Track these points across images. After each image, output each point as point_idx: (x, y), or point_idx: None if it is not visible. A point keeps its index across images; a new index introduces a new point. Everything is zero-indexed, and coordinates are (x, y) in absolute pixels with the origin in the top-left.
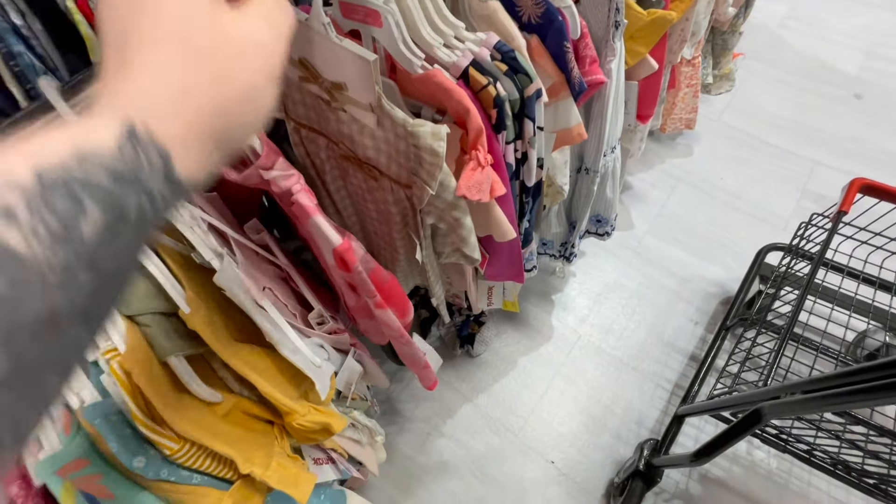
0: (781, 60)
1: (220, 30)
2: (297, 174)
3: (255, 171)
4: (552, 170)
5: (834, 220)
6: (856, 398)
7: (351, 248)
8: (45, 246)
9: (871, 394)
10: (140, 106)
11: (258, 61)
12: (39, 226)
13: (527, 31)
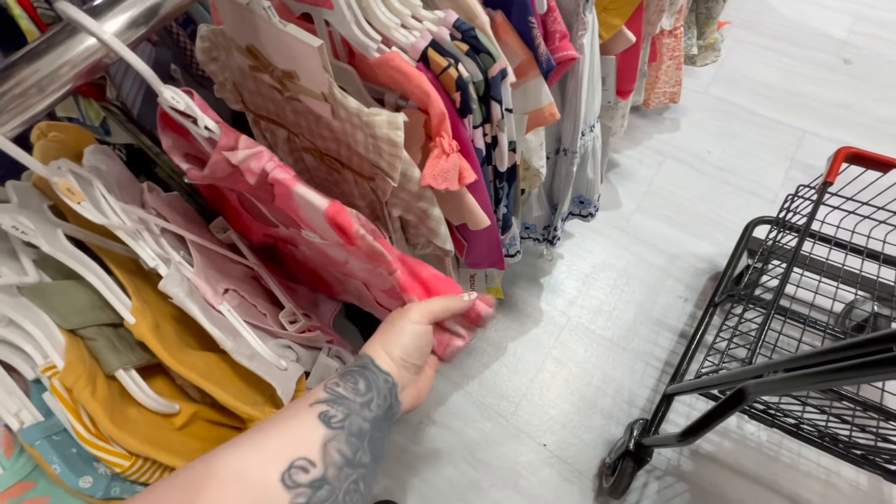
0: (768, 27)
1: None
2: (265, 150)
3: (220, 157)
4: (527, 153)
5: (819, 191)
6: (836, 376)
7: (343, 209)
8: (350, 392)
9: (851, 371)
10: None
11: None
12: (346, 385)
13: (491, 6)
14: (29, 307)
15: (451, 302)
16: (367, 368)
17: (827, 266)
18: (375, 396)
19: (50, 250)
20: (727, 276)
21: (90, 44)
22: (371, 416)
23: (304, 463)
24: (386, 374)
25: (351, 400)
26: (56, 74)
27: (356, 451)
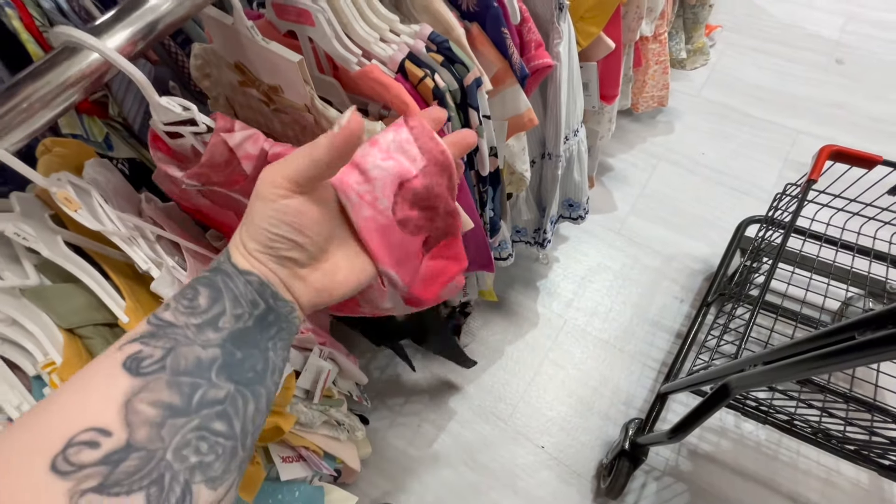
0: (760, 30)
1: None
2: (259, 132)
3: (218, 138)
4: (510, 157)
5: (804, 188)
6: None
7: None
8: (183, 314)
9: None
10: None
11: None
12: (179, 305)
13: (467, 19)
14: (30, 308)
15: (312, 149)
16: (218, 271)
17: (818, 263)
18: (230, 307)
19: (49, 255)
20: (720, 275)
21: (90, 59)
22: (221, 337)
23: (90, 436)
24: (247, 274)
25: (179, 326)
26: (58, 90)
27: (192, 391)
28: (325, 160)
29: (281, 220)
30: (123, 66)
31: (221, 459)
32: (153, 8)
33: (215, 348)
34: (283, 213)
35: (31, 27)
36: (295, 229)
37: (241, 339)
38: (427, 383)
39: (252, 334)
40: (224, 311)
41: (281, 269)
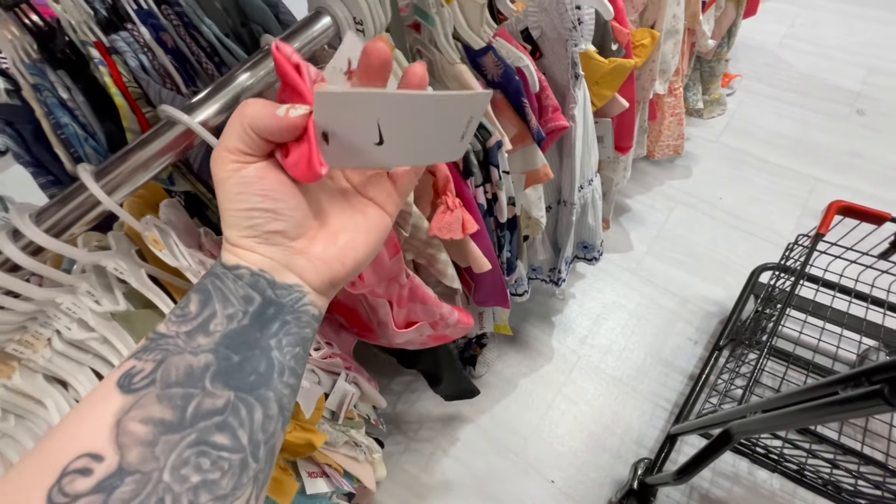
0: (781, 79)
1: None
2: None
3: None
4: (527, 205)
5: (812, 241)
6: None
7: None
8: (174, 324)
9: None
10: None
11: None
12: (171, 315)
13: (492, 87)
14: (118, 329)
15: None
16: (209, 275)
17: (831, 312)
18: (220, 308)
19: (137, 286)
20: (733, 319)
21: (182, 131)
22: (213, 341)
23: (83, 462)
24: (235, 269)
25: (171, 336)
26: (158, 155)
27: (185, 402)
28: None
29: (245, 192)
30: (209, 139)
31: (229, 475)
32: (239, 84)
33: (207, 353)
34: (245, 185)
35: (118, 82)
36: (265, 197)
37: (238, 341)
38: (441, 412)
39: (250, 334)
40: (214, 314)
41: (273, 249)
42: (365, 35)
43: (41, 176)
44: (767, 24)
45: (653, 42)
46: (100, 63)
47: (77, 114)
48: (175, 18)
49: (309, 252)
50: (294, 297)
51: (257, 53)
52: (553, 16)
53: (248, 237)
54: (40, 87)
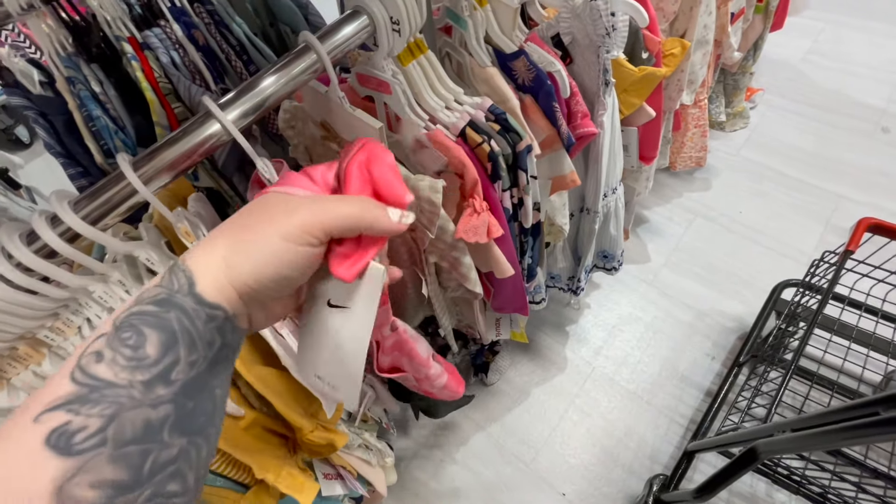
0: (803, 94)
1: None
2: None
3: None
4: (551, 211)
5: (841, 258)
6: (841, 436)
7: None
8: (125, 370)
9: (853, 431)
10: (189, 252)
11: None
12: (118, 356)
13: (522, 91)
14: None
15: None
16: (172, 306)
17: (857, 332)
18: (185, 354)
19: None
20: (754, 336)
21: (214, 130)
22: (173, 392)
23: None
24: (215, 308)
25: (122, 385)
26: (190, 151)
27: (142, 460)
28: (367, 227)
29: (298, 265)
30: (242, 142)
31: None
32: (262, 89)
33: (167, 405)
34: (305, 258)
35: (150, 77)
36: (300, 274)
37: (194, 387)
38: (452, 418)
39: (204, 378)
40: (178, 360)
41: (254, 303)
42: (400, 35)
43: (71, 167)
44: (791, 39)
45: (683, 52)
46: (132, 58)
47: (108, 107)
48: (206, 16)
49: (272, 309)
50: (240, 338)
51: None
52: (586, 22)
53: (254, 289)
54: (74, 79)
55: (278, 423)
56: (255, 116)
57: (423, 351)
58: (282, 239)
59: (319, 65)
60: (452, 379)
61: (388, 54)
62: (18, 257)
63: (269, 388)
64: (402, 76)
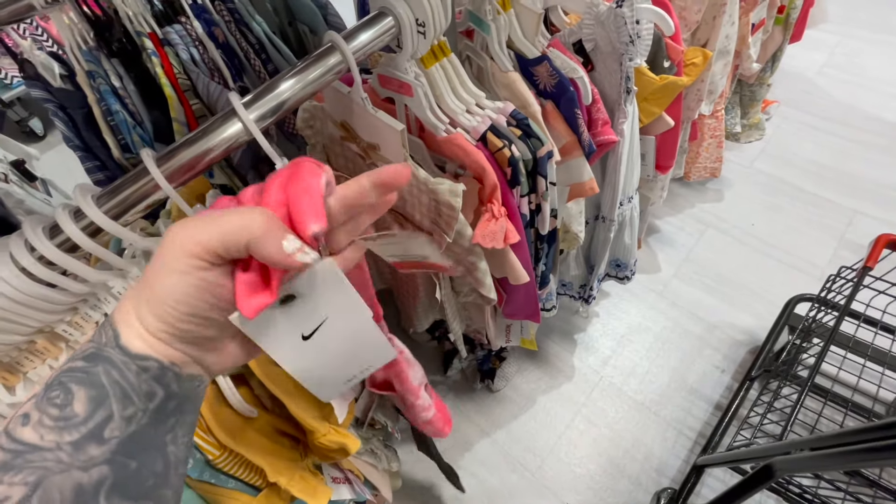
0: (818, 108)
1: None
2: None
3: None
4: (567, 218)
5: (859, 275)
6: (863, 457)
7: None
8: (52, 431)
9: (877, 453)
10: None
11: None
12: (44, 417)
13: (543, 97)
14: None
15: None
16: (99, 359)
17: (872, 350)
18: (118, 409)
19: None
20: (766, 350)
21: (235, 130)
22: (109, 450)
23: None
24: (143, 359)
25: (48, 448)
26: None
27: None
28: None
29: (197, 296)
30: (263, 143)
31: None
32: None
33: (102, 466)
34: (202, 289)
35: (169, 73)
36: (213, 306)
37: (136, 444)
38: (457, 424)
39: (148, 433)
40: (111, 416)
41: (191, 347)
42: (425, 37)
43: (88, 161)
44: (807, 52)
45: (704, 61)
46: (152, 54)
47: (127, 102)
48: (227, 14)
49: (224, 350)
50: (195, 385)
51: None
52: (609, 29)
53: (172, 335)
54: (94, 73)
55: (290, 424)
56: (277, 117)
57: (414, 378)
58: (170, 273)
59: (343, 65)
60: (440, 416)
61: (411, 56)
62: (41, 250)
63: (281, 388)
64: (424, 78)
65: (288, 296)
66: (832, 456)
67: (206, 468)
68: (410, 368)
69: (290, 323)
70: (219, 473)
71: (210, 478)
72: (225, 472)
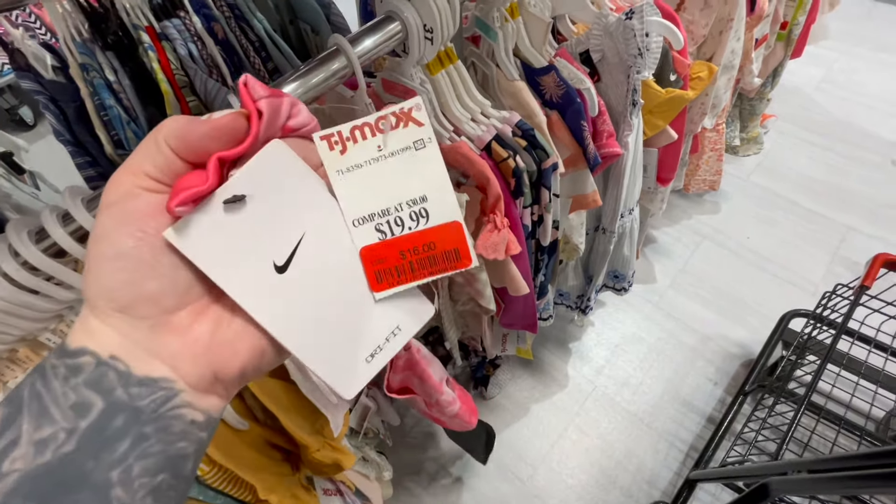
0: (815, 123)
1: None
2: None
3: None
4: (568, 230)
5: (856, 294)
6: (864, 483)
7: None
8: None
9: (879, 480)
10: None
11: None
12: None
13: (549, 107)
14: None
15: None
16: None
17: (865, 368)
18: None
19: None
20: (760, 365)
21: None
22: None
23: None
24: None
25: None
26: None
27: None
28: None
29: (121, 230)
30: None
31: None
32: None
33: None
34: (125, 218)
35: (166, 69)
36: (140, 241)
37: (51, 483)
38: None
39: (75, 466)
40: (17, 440)
41: (135, 323)
42: (432, 43)
43: (79, 156)
44: (805, 67)
45: (710, 76)
46: (149, 48)
47: (121, 97)
48: (227, 10)
49: (188, 332)
50: (158, 396)
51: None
52: (618, 41)
53: (109, 300)
54: (88, 66)
55: (282, 437)
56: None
57: (436, 374)
58: (99, 210)
59: (348, 70)
60: (465, 408)
61: (417, 62)
62: (26, 255)
63: (275, 401)
64: (429, 85)
65: (236, 196)
66: (831, 480)
67: (194, 484)
68: (430, 366)
69: (250, 242)
70: (206, 489)
71: (198, 494)
72: (214, 487)
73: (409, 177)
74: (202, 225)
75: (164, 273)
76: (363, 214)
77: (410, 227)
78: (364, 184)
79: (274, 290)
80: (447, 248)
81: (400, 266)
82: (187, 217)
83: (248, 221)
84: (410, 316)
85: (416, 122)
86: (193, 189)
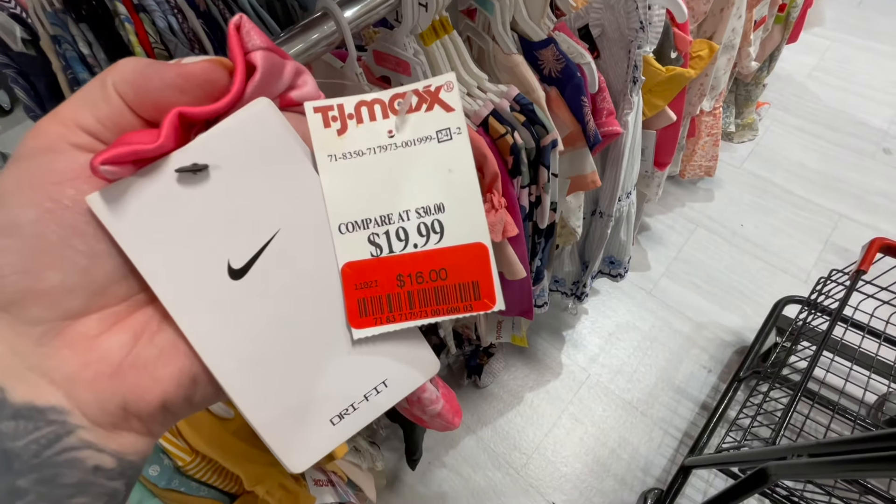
0: (808, 111)
1: None
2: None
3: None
4: (566, 212)
5: (852, 278)
6: (863, 467)
7: None
8: None
9: (879, 464)
10: None
11: None
12: None
13: (547, 83)
14: None
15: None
16: None
17: (859, 354)
18: None
19: None
20: (754, 351)
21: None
22: None
23: None
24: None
25: None
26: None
27: None
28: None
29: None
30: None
31: None
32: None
33: None
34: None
35: (144, 42)
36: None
37: None
38: None
39: None
40: None
41: (19, 330)
42: (427, 10)
43: None
44: (798, 55)
45: (710, 54)
46: (126, 20)
47: (96, 70)
48: None
49: (93, 346)
50: (44, 434)
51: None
52: (619, 14)
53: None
54: (60, 38)
55: None
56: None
57: None
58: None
59: (337, 36)
60: (449, 407)
61: (411, 31)
62: None
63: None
64: (423, 56)
65: (196, 165)
66: (831, 464)
67: (175, 475)
68: None
69: (203, 228)
70: (189, 481)
71: (179, 486)
72: (196, 478)
73: (425, 176)
74: (143, 196)
75: (73, 261)
76: (354, 219)
77: (416, 244)
78: (362, 177)
79: (221, 300)
80: (463, 280)
81: (394, 296)
82: (124, 182)
83: (207, 201)
84: (404, 369)
85: (445, 105)
86: (134, 145)
